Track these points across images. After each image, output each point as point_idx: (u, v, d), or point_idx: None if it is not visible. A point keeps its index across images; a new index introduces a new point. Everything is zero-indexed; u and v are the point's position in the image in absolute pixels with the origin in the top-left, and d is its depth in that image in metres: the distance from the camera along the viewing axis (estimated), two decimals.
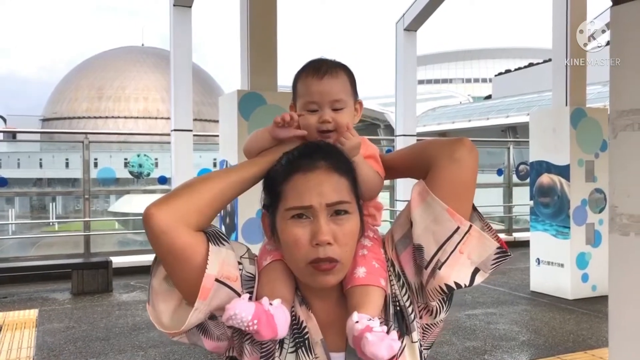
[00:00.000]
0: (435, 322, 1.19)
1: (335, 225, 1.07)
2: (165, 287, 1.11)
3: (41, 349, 4.91)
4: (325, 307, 1.15)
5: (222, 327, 1.11)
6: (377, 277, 1.13)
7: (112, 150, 21.92)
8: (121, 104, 50.94)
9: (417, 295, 1.15)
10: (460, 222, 1.10)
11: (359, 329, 1.03)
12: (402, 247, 1.17)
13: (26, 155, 36.54)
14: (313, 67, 1.23)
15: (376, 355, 1.00)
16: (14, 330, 5.43)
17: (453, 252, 1.10)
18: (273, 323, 1.03)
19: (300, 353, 1.10)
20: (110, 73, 51.26)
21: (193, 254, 1.05)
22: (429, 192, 1.11)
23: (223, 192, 1.11)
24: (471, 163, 1.13)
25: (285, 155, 1.14)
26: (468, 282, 1.12)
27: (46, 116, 51.72)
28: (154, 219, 1.03)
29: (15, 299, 6.69)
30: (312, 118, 1.21)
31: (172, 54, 8.74)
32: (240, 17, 5.65)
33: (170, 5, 8.65)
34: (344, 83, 1.23)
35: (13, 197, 20.75)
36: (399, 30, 9.84)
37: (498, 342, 5.08)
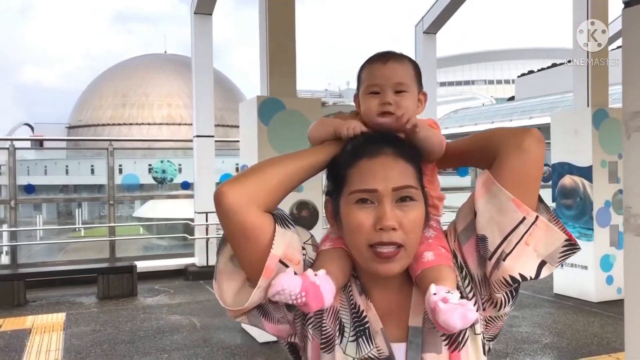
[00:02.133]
0: (499, 315, 1.16)
1: (400, 212, 1.06)
2: (230, 267, 1.12)
3: (69, 351, 5.02)
4: (385, 297, 1.14)
5: (282, 310, 1.12)
6: (447, 259, 1.12)
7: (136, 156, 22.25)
8: (145, 111, 51.58)
9: (481, 287, 1.13)
10: (527, 212, 1.07)
11: (434, 300, 1.01)
12: (465, 238, 1.14)
13: (53, 162, 37.22)
14: (379, 55, 1.24)
15: (448, 324, 0.98)
16: (42, 333, 5.56)
17: (518, 244, 1.06)
18: (320, 293, 1.02)
19: (361, 342, 1.10)
20: (133, 80, 51.96)
21: (261, 234, 1.06)
22: (494, 181, 1.08)
23: (291, 176, 1.12)
24: (539, 154, 1.10)
25: (351, 142, 1.14)
26: (534, 275, 1.08)
27: (72, 124, 52.61)
28: (225, 198, 1.05)
29: (43, 303, 6.84)
30: (373, 101, 1.20)
31: (194, 60, 8.87)
32: (259, 23, 5.72)
33: (191, 13, 8.78)
34: (408, 69, 1.22)
35: (40, 203, 21.13)
36: (418, 33, 9.84)
37: (520, 345, 5.05)
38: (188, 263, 8.62)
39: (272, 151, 5.08)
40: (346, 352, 1.10)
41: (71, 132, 50.81)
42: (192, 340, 5.30)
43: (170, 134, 43.74)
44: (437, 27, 9.71)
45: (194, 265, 8.54)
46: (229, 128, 41.46)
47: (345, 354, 1.10)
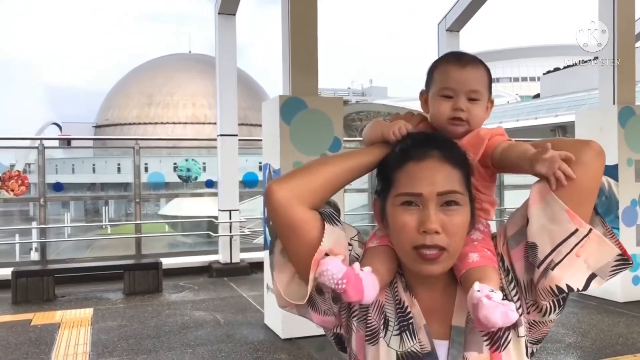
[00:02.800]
0: (543, 321, 1.16)
1: (445, 216, 1.08)
2: (280, 260, 1.18)
3: (96, 345, 5.15)
4: (430, 294, 1.17)
5: (328, 302, 1.16)
6: (491, 261, 1.14)
7: (162, 155, 22.52)
8: (170, 110, 52.16)
9: (526, 292, 1.14)
10: (580, 224, 1.06)
11: (478, 296, 1.02)
12: (515, 243, 1.15)
13: (80, 161, 37.90)
14: (455, 56, 1.24)
15: (489, 319, 1.00)
16: (71, 328, 5.71)
17: (569, 255, 1.06)
18: (360, 286, 1.05)
19: (404, 336, 1.13)
20: (159, 80, 52.57)
21: (309, 229, 1.12)
22: (549, 191, 1.08)
23: (338, 176, 1.17)
24: (598, 167, 1.09)
25: (400, 144, 1.17)
26: (582, 287, 1.08)
27: (98, 123, 53.46)
28: (274, 194, 1.11)
29: (72, 298, 7.01)
30: (446, 105, 1.20)
31: (218, 60, 8.96)
32: (281, 23, 5.77)
33: (215, 13, 8.87)
34: (483, 76, 1.23)
35: (68, 201, 21.53)
36: (441, 31, 9.80)
37: (543, 345, 5.02)
38: (212, 260, 8.73)
39: (294, 150, 5.13)
40: (390, 345, 1.13)
41: (98, 131, 51.62)
42: (215, 336, 5.38)
43: (194, 133, 44.16)
44: (460, 25, 9.65)
45: (217, 262, 8.65)
46: (252, 127, 41.73)
47: (389, 347, 1.13)
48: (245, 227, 9.73)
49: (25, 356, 4.89)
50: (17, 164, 13.54)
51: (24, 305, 6.65)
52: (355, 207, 10.61)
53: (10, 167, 11.10)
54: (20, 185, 8.04)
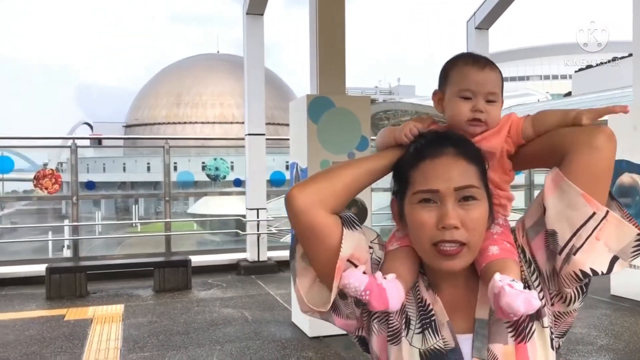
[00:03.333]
0: (568, 311, 1.17)
1: (463, 211, 1.09)
2: (302, 265, 1.19)
3: (127, 340, 5.24)
4: (452, 290, 1.17)
5: (350, 306, 1.18)
6: (512, 254, 1.14)
7: (190, 154, 22.80)
8: (198, 110, 52.72)
9: (549, 282, 1.14)
10: (597, 207, 1.07)
11: (500, 285, 1.02)
12: (534, 233, 1.15)
13: (111, 160, 38.58)
14: (473, 58, 1.25)
15: (511, 306, 0.99)
16: (103, 323, 5.82)
17: (589, 238, 1.07)
18: (384, 296, 1.06)
19: (427, 334, 1.14)
20: (187, 80, 53.17)
21: (329, 234, 1.12)
22: (563, 177, 1.09)
23: (356, 179, 1.18)
24: (610, 151, 1.09)
25: (414, 144, 1.18)
26: (606, 270, 1.08)
27: (128, 123, 54.33)
28: (295, 200, 1.12)
29: (103, 294, 7.15)
30: (465, 106, 1.22)
31: (246, 60, 9.03)
32: (309, 22, 5.79)
33: (243, 14, 8.95)
34: (499, 78, 1.25)
35: (99, 199, 21.94)
36: (470, 29, 9.71)
37: (575, 346, 4.94)
38: (240, 258, 8.81)
39: (321, 149, 5.14)
40: (412, 343, 1.14)
41: (128, 131, 52.42)
42: (244, 333, 5.43)
43: (222, 133, 44.54)
44: (489, 23, 9.55)
45: (245, 260, 8.72)
46: (279, 126, 41.88)
47: (411, 345, 1.14)
48: (272, 226, 9.79)
49: (59, 350, 5.01)
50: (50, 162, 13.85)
51: (57, 300, 6.81)
52: (382, 206, 10.59)
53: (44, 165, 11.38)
54: (54, 183, 8.23)
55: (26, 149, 13.88)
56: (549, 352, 1.13)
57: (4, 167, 8.59)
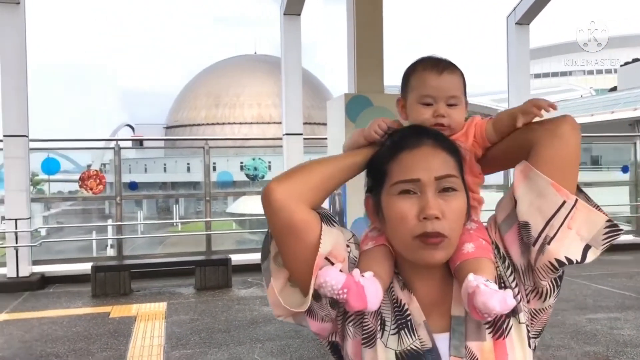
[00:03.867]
0: (543, 307, 1.16)
1: (443, 201, 1.07)
2: (274, 266, 1.14)
3: (170, 338, 5.35)
4: (428, 288, 1.14)
5: (325, 308, 1.13)
6: (487, 252, 1.13)
7: (229, 154, 23.05)
8: (236, 111, 53.31)
9: (524, 277, 1.13)
10: (567, 196, 1.08)
11: (474, 284, 1.01)
12: (506, 227, 1.15)
13: (152, 160, 39.36)
14: (431, 62, 1.25)
15: (487, 306, 0.99)
16: (146, 321, 5.95)
17: (561, 227, 1.07)
18: (363, 294, 1.03)
19: (402, 334, 1.10)
20: (225, 81, 53.82)
21: (308, 231, 1.08)
22: (531, 168, 1.10)
23: (334, 174, 1.15)
24: (574, 139, 1.11)
25: (390, 138, 1.17)
26: (579, 258, 1.08)
27: (169, 124, 55.35)
28: (274, 193, 1.08)
29: (146, 292, 7.30)
30: (427, 112, 1.22)
31: (283, 60, 9.09)
32: (347, 21, 5.79)
33: (281, 14, 9.01)
34: (460, 81, 1.25)
35: (141, 199, 22.42)
36: (510, 24, 9.54)
37: (622, 349, 4.79)
38: None
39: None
40: (387, 345, 1.10)
41: (168, 132, 53.40)
42: (284, 332, 5.47)
43: (260, 133, 44.92)
44: (530, 18, 9.37)
45: None
46: (316, 126, 41.99)
47: (386, 347, 1.10)
48: None
49: (105, 347, 5.14)
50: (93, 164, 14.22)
51: (102, 298, 6.99)
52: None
53: (87, 166, 11.70)
54: (99, 184, 8.45)
55: (71, 150, 14.29)
56: (527, 350, 1.12)
57: (51, 169, 8.86)
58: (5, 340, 5.41)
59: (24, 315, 6.31)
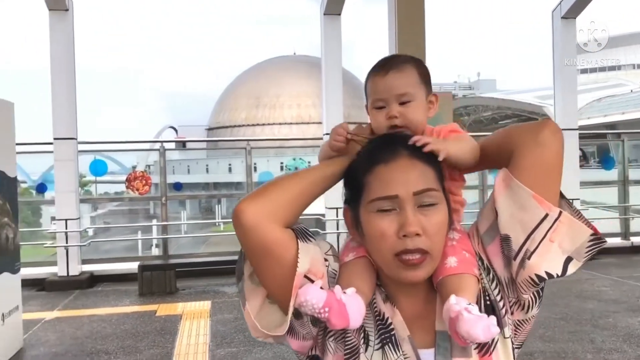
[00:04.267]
0: (527, 318, 1.13)
1: (423, 217, 1.03)
2: (249, 286, 1.09)
3: (215, 336, 5.42)
4: (412, 302, 1.10)
5: (307, 326, 1.07)
6: (470, 266, 1.09)
7: (269, 155, 23.26)
8: (276, 111, 53.69)
9: (508, 290, 1.09)
10: (549, 208, 1.03)
11: (456, 309, 0.97)
12: (489, 239, 1.11)
13: (195, 161, 40.02)
14: (378, 65, 1.20)
15: (470, 334, 0.95)
16: (192, 319, 6.06)
17: (542, 241, 1.03)
18: (345, 312, 0.99)
19: (387, 350, 1.06)
20: (265, 82, 54.26)
21: (283, 250, 1.03)
22: (512, 178, 1.05)
23: (306, 189, 1.10)
24: (556, 146, 1.06)
25: (364, 148, 1.12)
26: (560, 272, 1.04)
27: (210, 126, 56.17)
28: (244, 214, 1.02)
29: (191, 291, 7.43)
30: (380, 115, 1.18)
31: (323, 60, 9.10)
32: (388, 19, 5.75)
33: (321, 14, 9.02)
34: (410, 76, 1.18)
35: (185, 200, 22.85)
36: (555, 18, 9.30)
37: None
38: None
39: None
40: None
41: (210, 134, 54.17)
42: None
43: (299, 133, 45.09)
44: (576, 11, 9.11)
45: None
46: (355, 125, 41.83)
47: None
48: None
49: (152, 344, 5.25)
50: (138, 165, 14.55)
51: (149, 297, 7.14)
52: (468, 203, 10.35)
53: (133, 168, 11.98)
54: (144, 185, 8.65)
55: (117, 152, 14.66)
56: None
57: (99, 170, 9.12)
58: (58, 336, 5.59)
59: (75, 312, 6.51)
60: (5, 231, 4.98)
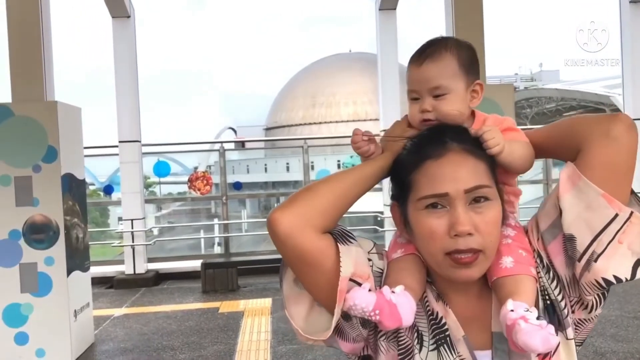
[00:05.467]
0: (589, 318, 1.07)
1: (475, 214, 0.98)
2: (296, 291, 1.07)
3: (276, 333, 5.48)
4: (465, 301, 1.07)
5: (357, 328, 1.05)
6: (527, 266, 1.04)
7: (326, 153, 23.31)
8: (332, 110, 53.82)
9: (569, 289, 1.04)
10: (619, 209, 0.97)
11: (513, 317, 0.93)
12: (551, 237, 1.05)
13: (253, 161, 40.66)
14: (417, 52, 1.14)
15: (529, 346, 0.91)
16: (253, 316, 6.15)
17: (611, 242, 0.97)
18: (397, 312, 0.96)
19: (442, 351, 1.02)
20: (321, 81, 54.48)
21: (322, 257, 1.01)
22: (580, 175, 0.99)
23: (344, 192, 1.06)
24: (630, 142, 0.99)
25: (411, 141, 1.08)
26: (629, 276, 0.98)
27: (268, 125, 56.92)
28: (279, 224, 0.99)
29: (252, 288, 7.54)
30: (414, 108, 1.13)
31: (379, 56, 9.03)
32: (445, 13, 5.64)
33: (376, 10, 8.95)
34: (447, 66, 1.11)
35: (245, 199, 23.23)
36: (623, 3, 8.87)
37: None
38: None
39: None
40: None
41: (268, 133, 54.92)
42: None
43: None
44: None
45: None
46: None
47: None
48: None
49: (216, 341, 5.37)
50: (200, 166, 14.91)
51: (212, 294, 7.30)
52: (530, 199, 10.03)
53: (194, 169, 12.27)
54: (206, 185, 8.85)
55: (178, 154, 15.06)
56: None
57: (162, 172, 9.40)
58: (126, 332, 5.79)
59: (142, 309, 6.74)
60: (76, 231, 5.21)
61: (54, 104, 5.07)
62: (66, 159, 5.05)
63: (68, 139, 5.16)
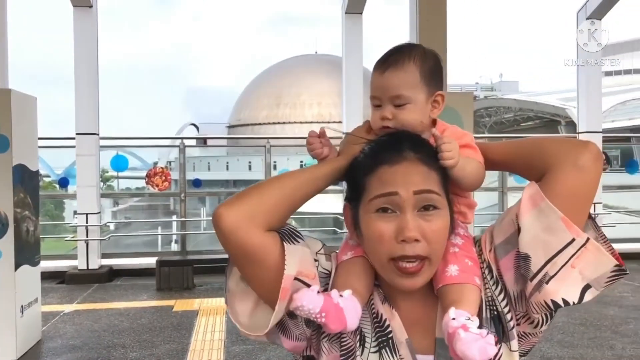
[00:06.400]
0: (534, 332, 1.10)
1: (424, 222, 1.00)
2: (241, 287, 1.08)
3: (230, 333, 5.44)
4: (411, 305, 1.08)
5: (300, 327, 1.07)
6: (472, 275, 1.05)
7: (289, 153, 23.28)
8: (297, 110, 53.76)
9: (516, 304, 1.06)
10: (577, 234, 0.99)
11: (454, 326, 0.95)
12: (503, 252, 1.07)
13: (215, 159, 40.26)
14: (381, 59, 1.14)
15: (466, 355, 0.92)
16: (208, 315, 6.09)
17: (564, 266, 0.99)
18: (342, 316, 0.97)
19: (384, 353, 1.03)
20: (286, 81, 54.38)
21: (266, 254, 1.02)
22: (543, 197, 1.01)
23: (295, 191, 1.07)
24: (595, 173, 1.01)
25: (369, 146, 1.09)
26: (577, 300, 1.01)
27: (231, 123, 56.45)
28: (223, 220, 1.00)
29: (208, 287, 7.47)
30: (375, 114, 1.13)
31: (344, 60, 9.08)
32: (409, 19, 5.71)
33: (342, 13, 9.00)
34: (409, 76, 1.10)
35: (204, 197, 22.98)
36: (580, 19, 9.16)
37: None
38: None
39: None
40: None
41: (231, 131, 54.42)
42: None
43: None
44: (602, 12, 8.96)
45: None
46: None
47: None
48: None
49: (169, 339, 5.29)
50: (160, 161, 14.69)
51: (166, 292, 7.20)
52: (484, 206, 10.23)
53: (154, 164, 12.09)
54: (164, 181, 8.71)
55: (138, 148, 14.81)
56: None
57: (120, 166, 9.21)
58: (76, 329, 5.66)
59: (93, 306, 6.59)
60: (26, 224, 5.06)
61: (8, 91, 4.91)
62: (18, 149, 4.90)
63: (21, 129, 5.01)
